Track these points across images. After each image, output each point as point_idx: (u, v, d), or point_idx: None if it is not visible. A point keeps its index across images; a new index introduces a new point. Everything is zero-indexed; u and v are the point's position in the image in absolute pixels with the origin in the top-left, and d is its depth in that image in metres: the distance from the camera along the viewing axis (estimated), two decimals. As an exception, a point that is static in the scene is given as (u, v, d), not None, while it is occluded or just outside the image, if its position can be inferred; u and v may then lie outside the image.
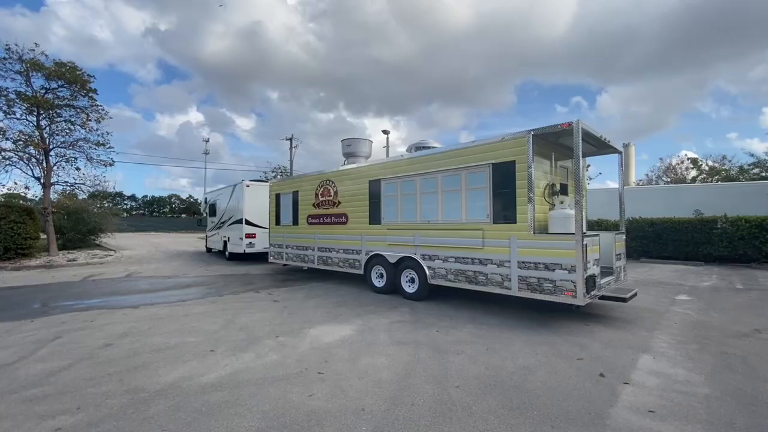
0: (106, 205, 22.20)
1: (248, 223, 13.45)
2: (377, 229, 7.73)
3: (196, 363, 3.87)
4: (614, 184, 44.63)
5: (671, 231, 12.75)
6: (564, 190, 6.07)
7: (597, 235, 5.51)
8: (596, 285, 5.15)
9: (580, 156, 4.86)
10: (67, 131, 15.17)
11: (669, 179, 33.96)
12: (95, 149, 15.66)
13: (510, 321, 5.49)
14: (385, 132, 27.43)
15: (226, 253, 15.01)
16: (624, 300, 5.34)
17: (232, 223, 14.49)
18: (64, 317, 5.82)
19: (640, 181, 41.80)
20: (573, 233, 4.98)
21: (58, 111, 14.82)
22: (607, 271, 5.96)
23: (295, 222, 10.16)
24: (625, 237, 6.60)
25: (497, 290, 5.64)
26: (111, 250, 18.16)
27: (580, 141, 4.89)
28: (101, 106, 15.68)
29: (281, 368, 3.72)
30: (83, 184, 16.17)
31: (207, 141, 52.57)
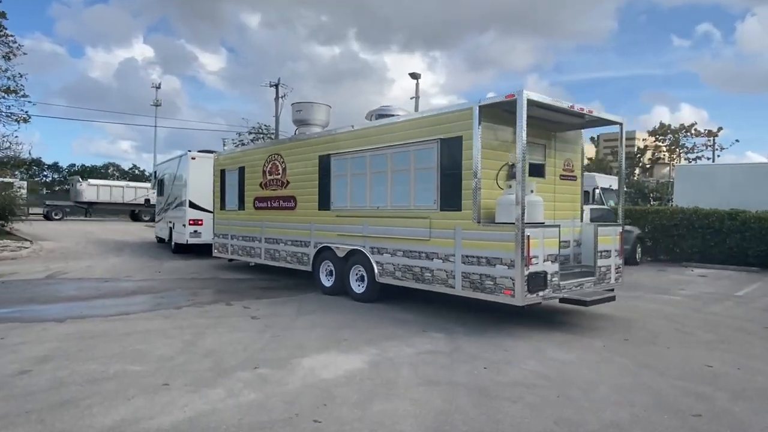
0: (18, 176, 22.80)
1: (193, 205, 14.23)
2: (327, 216, 8.63)
3: (143, 401, 3.96)
4: (761, 158, 42.95)
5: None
6: (539, 171, 7.12)
7: (557, 226, 6.44)
8: (547, 284, 6.11)
9: (523, 134, 5.86)
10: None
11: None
12: (4, 98, 16.08)
13: (591, 354, 5.44)
14: (415, 76, 26.93)
15: (172, 243, 15.93)
16: (584, 303, 6.25)
17: (177, 206, 15.36)
18: (-35, 332, 6.03)
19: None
20: (514, 222, 5.88)
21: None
22: (585, 270, 7.10)
23: (241, 206, 11.05)
24: (621, 230, 7.60)
25: (442, 289, 6.82)
26: (26, 240, 18.73)
27: (525, 116, 5.81)
28: (11, 36, 16.04)
29: (262, 412, 3.78)
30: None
31: (158, 87, 53.41)
